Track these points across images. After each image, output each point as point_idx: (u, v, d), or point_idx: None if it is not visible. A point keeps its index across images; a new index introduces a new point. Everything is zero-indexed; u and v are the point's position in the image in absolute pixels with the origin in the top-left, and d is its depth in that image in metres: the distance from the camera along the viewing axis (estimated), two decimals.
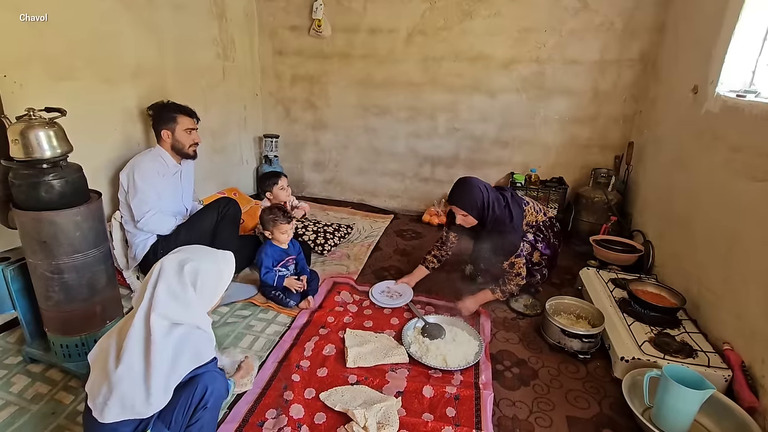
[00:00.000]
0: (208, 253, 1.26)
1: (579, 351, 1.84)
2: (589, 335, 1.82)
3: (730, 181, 1.83)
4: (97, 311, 1.57)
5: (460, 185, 2.08)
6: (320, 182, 3.82)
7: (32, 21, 1.80)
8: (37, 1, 1.81)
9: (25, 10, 1.76)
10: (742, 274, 1.69)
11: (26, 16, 1.78)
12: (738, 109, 1.85)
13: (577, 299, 2.08)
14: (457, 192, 2.07)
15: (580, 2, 2.80)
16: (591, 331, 1.84)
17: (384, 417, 1.46)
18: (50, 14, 1.86)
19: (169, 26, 2.54)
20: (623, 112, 2.97)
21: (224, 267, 1.29)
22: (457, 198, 2.06)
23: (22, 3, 1.76)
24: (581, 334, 1.82)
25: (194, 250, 1.25)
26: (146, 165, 2.06)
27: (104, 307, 1.59)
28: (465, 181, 2.09)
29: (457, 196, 2.06)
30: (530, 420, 1.52)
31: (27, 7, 1.77)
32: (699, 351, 1.70)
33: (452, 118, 3.28)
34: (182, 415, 1.19)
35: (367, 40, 3.25)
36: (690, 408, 1.42)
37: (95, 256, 1.53)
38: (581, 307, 2.04)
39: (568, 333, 1.84)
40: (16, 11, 1.75)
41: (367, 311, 2.13)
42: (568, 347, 1.85)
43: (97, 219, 1.53)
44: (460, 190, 2.07)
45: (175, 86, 2.62)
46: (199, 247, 1.29)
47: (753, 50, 1.95)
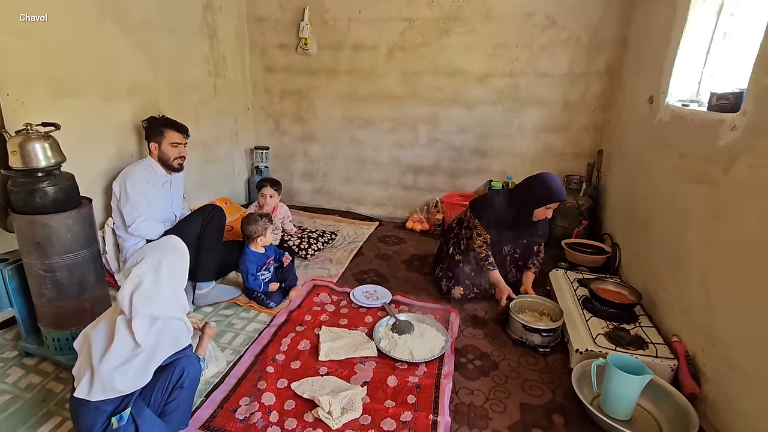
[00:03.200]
0: (167, 246, 1.40)
1: (540, 345, 1.95)
2: (548, 329, 1.94)
3: (678, 185, 1.96)
4: (86, 308, 1.70)
5: (556, 179, 2.17)
6: (309, 191, 3.97)
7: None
8: (42, 27, 1.99)
9: (31, 30, 1.95)
10: (686, 271, 1.81)
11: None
12: (683, 118, 1.99)
13: (541, 297, 2.20)
14: (560, 187, 2.15)
15: (548, 19, 2.98)
16: (550, 325, 1.96)
17: (348, 403, 1.58)
18: (55, 39, 2.04)
19: (164, 47, 2.73)
20: (593, 121, 3.12)
21: (183, 250, 1.43)
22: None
23: (30, 28, 1.94)
24: (541, 328, 1.94)
25: (156, 248, 1.38)
26: (137, 174, 2.22)
27: (93, 304, 1.73)
28: (549, 176, 2.18)
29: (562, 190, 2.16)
30: (485, 406, 1.63)
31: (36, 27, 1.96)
32: (650, 343, 1.81)
33: (433, 129, 3.44)
34: (161, 393, 1.32)
35: (351, 56, 3.44)
36: (631, 393, 1.53)
37: (85, 257, 1.67)
38: (544, 304, 2.15)
39: (529, 328, 1.96)
40: (23, 37, 1.92)
41: (343, 310, 2.25)
42: (529, 341, 1.97)
43: (88, 223, 1.67)
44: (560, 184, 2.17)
45: (168, 102, 2.79)
46: (155, 244, 1.42)
47: (698, 62, 2.10)
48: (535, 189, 2.19)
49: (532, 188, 2.20)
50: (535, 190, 2.18)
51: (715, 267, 1.62)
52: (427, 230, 3.40)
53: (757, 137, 1.44)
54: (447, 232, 2.59)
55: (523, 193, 2.23)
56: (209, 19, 3.14)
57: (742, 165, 1.50)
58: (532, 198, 2.18)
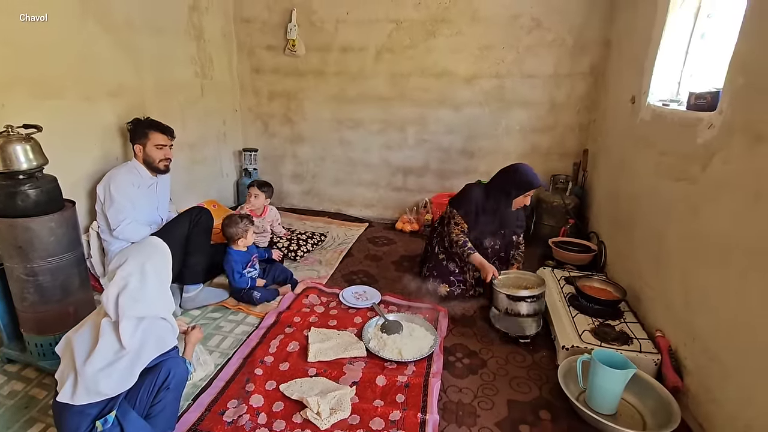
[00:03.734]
0: (149, 248, 1.39)
1: (528, 314, 2.01)
2: (533, 296, 2.01)
3: (659, 183, 2.00)
4: (70, 312, 1.68)
5: (530, 167, 2.30)
6: (299, 193, 3.96)
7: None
8: (23, 28, 1.96)
9: (11, 31, 1.92)
10: (668, 266, 1.85)
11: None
12: (663, 117, 2.03)
13: (522, 272, 2.29)
14: (536, 174, 2.28)
15: (533, 21, 3.02)
16: (534, 291, 2.02)
17: (337, 404, 1.58)
18: (38, 41, 2.02)
19: (148, 47, 2.70)
20: (578, 121, 3.17)
21: (165, 250, 1.43)
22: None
23: (11, 28, 1.91)
24: (525, 296, 2.00)
25: (138, 250, 1.37)
26: (121, 177, 2.19)
27: (77, 308, 1.70)
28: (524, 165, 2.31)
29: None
30: (473, 404, 1.64)
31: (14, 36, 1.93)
32: (634, 338, 1.85)
33: (421, 130, 3.46)
34: (147, 395, 1.31)
35: (339, 58, 3.45)
36: (616, 387, 1.56)
37: (69, 260, 1.65)
38: (527, 278, 2.22)
39: (514, 298, 2.01)
40: (2, 38, 1.89)
41: (333, 311, 2.25)
42: (515, 311, 2.02)
43: (71, 226, 1.65)
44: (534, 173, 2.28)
45: (153, 103, 2.77)
46: (136, 246, 1.41)
47: (677, 63, 2.15)
48: (513, 178, 2.27)
49: (511, 178, 2.28)
50: (513, 179, 2.27)
51: (695, 263, 1.66)
52: (416, 231, 3.41)
53: (731, 135, 1.48)
54: (431, 232, 2.63)
55: (502, 183, 2.31)
56: (195, 19, 3.13)
57: (718, 162, 1.54)
58: (512, 187, 2.26)
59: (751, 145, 1.38)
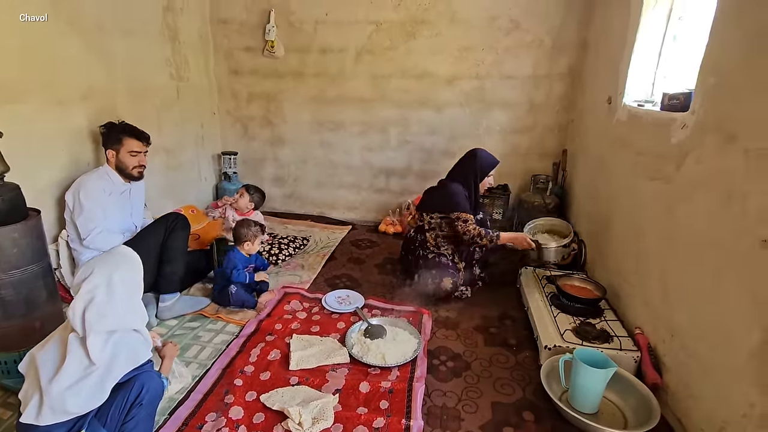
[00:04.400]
0: (116, 257, 1.33)
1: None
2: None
3: (636, 182, 2.03)
4: (36, 326, 1.60)
5: (485, 152, 2.53)
6: (280, 197, 3.90)
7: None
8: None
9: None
10: (646, 265, 1.88)
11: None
12: (638, 117, 2.07)
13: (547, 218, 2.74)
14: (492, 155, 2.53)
15: (512, 23, 3.04)
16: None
17: (320, 413, 1.54)
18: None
19: (120, 49, 2.61)
20: (557, 121, 3.20)
21: (134, 258, 1.38)
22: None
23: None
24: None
25: (105, 261, 1.31)
26: (92, 183, 2.11)
27: (44, 322, 1.62)
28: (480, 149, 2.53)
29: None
30: (458, 407, 1.63)
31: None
32: (614, 336, 1.87)
33: (403, 131, 3.45)
34: (118, 412, 1.25)
35: (318, 59, 3.41)
36: (597, 386, 1.57)
37: (34, 272, 1.57)
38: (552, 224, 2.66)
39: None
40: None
41: (315, 317, 2.21)
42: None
43: (36, 236, 1.58)
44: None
45: (127, 106, 2.68)
46: (103, 256, 1.35)
47: (651, 64, 2.19)
48: (475, 163, 2.47)
49: (473, 164, 2.48)
50: (476, 165, 2.47)
51: (671, 260, 1.68)
52: (399, 233, 3.40)
53: (704, 134, 1.50)
54: (408, 244, 2.61)
55: (467, 172, 2.48)
56: (170, 20, 3.04)
57: (691, 161, 1.57)
58: (478, 172, 2.47)
59: (722, 144, 1.41)
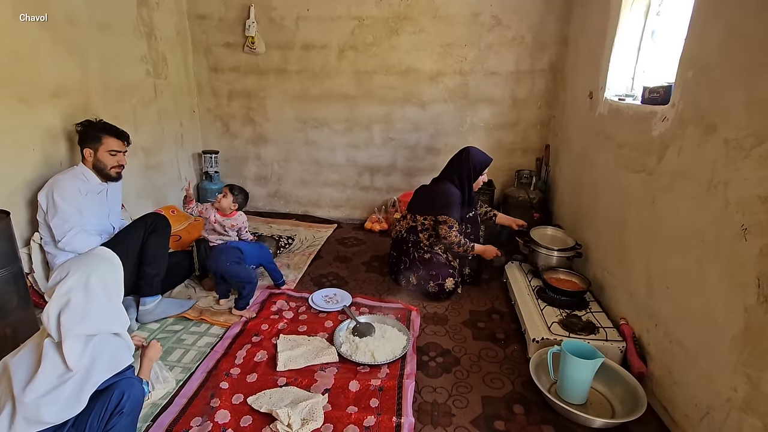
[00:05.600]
0: (93, 258, 1.28)
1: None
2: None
3: (618, 175, 2.06)
4: (7, 334, 1.53)
5: (477, 150, 2.51)
6: (264, 196, 3.83)
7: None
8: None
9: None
10: (630, 256, 1.91)
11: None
12: (620, 111, 2.10)
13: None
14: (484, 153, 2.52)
15: (494, 19, 3.06)
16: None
17: (309, 413, 1.52)
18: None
19: (93, 45, 2.51)
20: (540, 117, 3.24)
21: (113, 259, 1.33)
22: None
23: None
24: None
25: (81, 262, 1.25)
26: (66, 183, 2.02)
27: (15, 329, 1.55)
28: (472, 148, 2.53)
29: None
30: (448, 403, 1.62)
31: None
32: (600, 327, 1.89)
33: (387, 128, 3.43)
34: (97, 422, 1.20)
35: (301, 55, 3.36)
36: (585, 377, 1.59)
37: (3, 277, 1.50)
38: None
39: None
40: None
41: (302, 317, 2.18)
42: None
43: (5, 239, 1.50)
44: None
45: (101, 104, 2.58)
46: (80, 257, 1.30)
47: (631, 59, 2.23)
48: (468, 162, 2.45)
49: (467, 163, 2.45)
50: (469, 164, 2.44)
51: (654, 251, 1.71)
52: (385, 230, 3.38)
53: (684, 127, 1.53)
54: (399, 244, 2.54)
55: (461, 171, 2.45)
56: (145, 16, 2.95)
57: (672, 153, 1.60)
58: (471, 171, 2.44)
59: (703, 135, 1.43)
